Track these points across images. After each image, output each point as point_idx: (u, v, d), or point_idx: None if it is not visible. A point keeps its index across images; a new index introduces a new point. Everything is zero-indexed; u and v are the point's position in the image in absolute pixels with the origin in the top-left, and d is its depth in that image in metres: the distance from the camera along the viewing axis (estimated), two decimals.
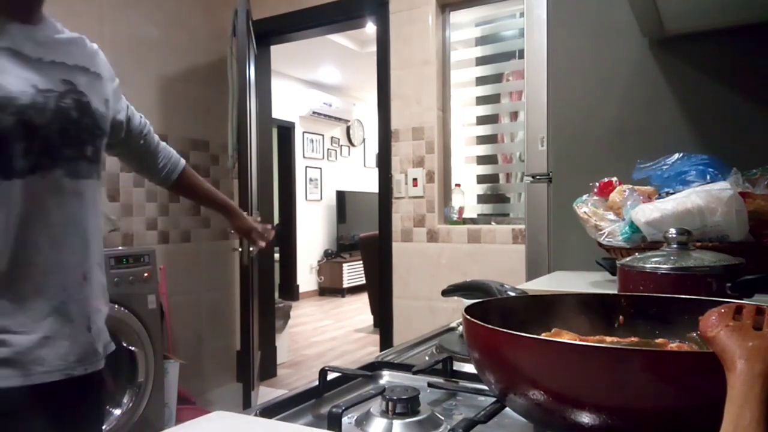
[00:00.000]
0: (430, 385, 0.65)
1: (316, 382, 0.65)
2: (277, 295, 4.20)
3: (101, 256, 1.04)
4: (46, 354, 0.89)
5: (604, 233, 1.12)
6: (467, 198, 2.95)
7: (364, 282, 6.00)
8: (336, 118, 7.45)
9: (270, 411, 0.59)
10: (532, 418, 0.48)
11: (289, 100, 6.70)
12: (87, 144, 0.96)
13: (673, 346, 0.56)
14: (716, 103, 1.35)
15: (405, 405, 0.54)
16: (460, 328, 0.89)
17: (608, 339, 0.59)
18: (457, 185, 2.93)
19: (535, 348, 0.44)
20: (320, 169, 7.41)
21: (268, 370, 3.80)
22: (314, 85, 7.12)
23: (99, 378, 1.02)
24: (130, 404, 2.42)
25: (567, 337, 0.57)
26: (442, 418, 0.55)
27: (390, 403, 0.54)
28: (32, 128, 0.86)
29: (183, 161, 1.37)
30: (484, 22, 3.00)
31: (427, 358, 0.81)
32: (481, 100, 3.01)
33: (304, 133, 7.13)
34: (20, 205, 0.86)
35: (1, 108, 0.83)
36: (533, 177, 1.55)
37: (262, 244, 1.52)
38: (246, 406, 2.91)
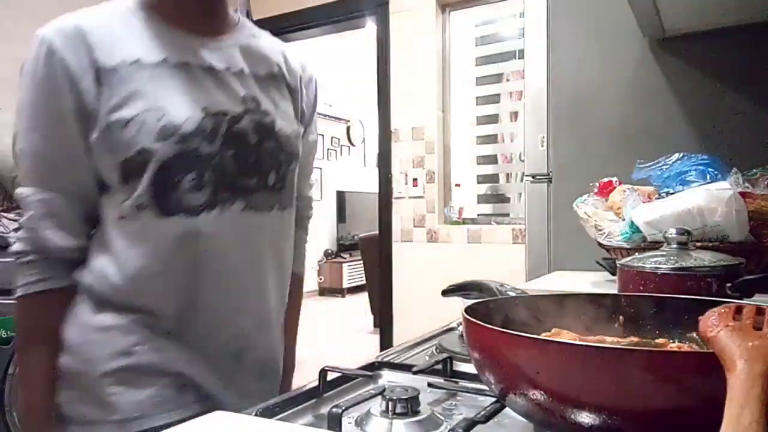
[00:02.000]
0: (430, 385, 0.64)
1: (316, 382, 0.65)
2: None
3: (282, 298, 0.92)
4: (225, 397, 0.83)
5: (604, 233, 1.12)
6: (467, 198, 2.95)
7: (364, 282, 5.99)
8: (336, 118, 7.45)
9: (270, 411, 0.58)
10: (532, 418, 0.48)
11: None
12: (269, 171, 0.85)
13: (673, 346, 0.55)
14: (716, 103, 1.35)
15: (405, 405, 0.54)
16: (460, 328, 0.89)
17: (608, 339, 0.58)
18: (457, 185, 2.93)
19: (535, 348, 0.44)
20: (320, 169, 7.41)
21: None
22: None
23: None
24: None
25: (567, 337, 0.57)
26: (442, 418, 0.55)
27: (390, 403, 0.54)
28: (201, 158, 0.77)
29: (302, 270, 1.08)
30: (483, 23, 3.00)
31: (427, 358, 0.81)
32: (481, 100, 3.01)
33: None
34: (191, 245, 0.77)
35: (162, 136, 0.74)
36: (533, 177, 1.55)
37: None
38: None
